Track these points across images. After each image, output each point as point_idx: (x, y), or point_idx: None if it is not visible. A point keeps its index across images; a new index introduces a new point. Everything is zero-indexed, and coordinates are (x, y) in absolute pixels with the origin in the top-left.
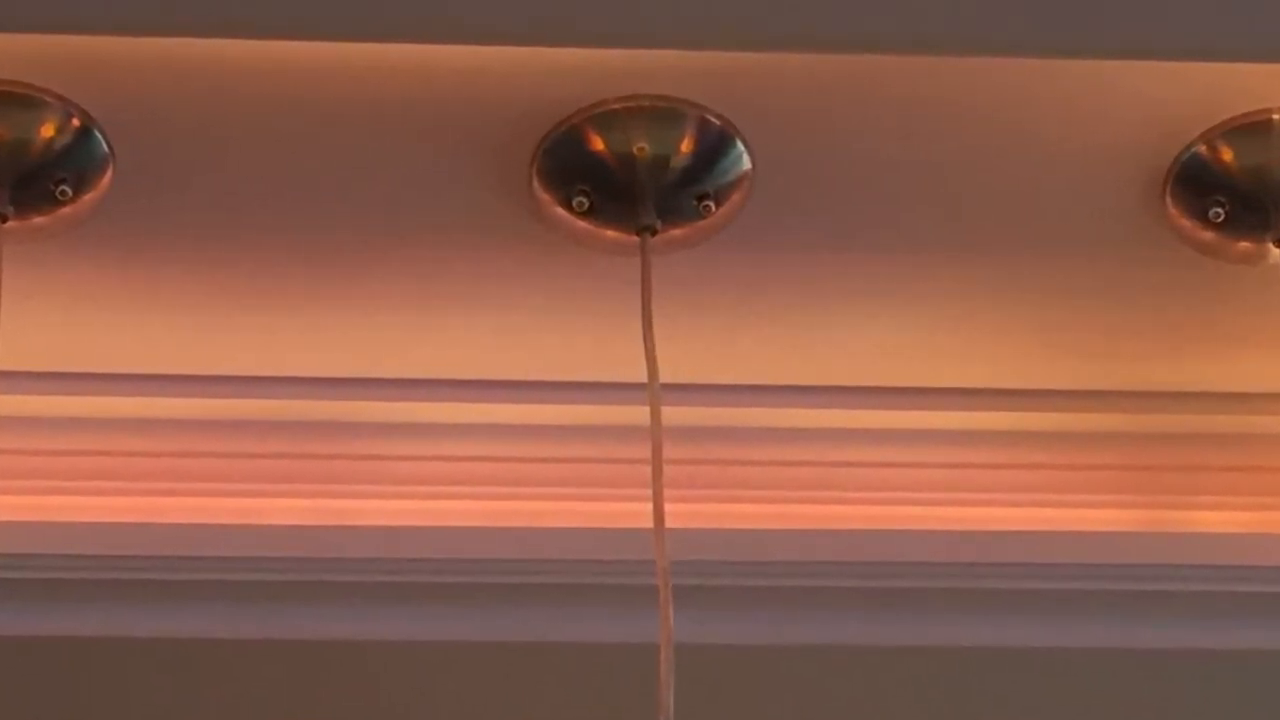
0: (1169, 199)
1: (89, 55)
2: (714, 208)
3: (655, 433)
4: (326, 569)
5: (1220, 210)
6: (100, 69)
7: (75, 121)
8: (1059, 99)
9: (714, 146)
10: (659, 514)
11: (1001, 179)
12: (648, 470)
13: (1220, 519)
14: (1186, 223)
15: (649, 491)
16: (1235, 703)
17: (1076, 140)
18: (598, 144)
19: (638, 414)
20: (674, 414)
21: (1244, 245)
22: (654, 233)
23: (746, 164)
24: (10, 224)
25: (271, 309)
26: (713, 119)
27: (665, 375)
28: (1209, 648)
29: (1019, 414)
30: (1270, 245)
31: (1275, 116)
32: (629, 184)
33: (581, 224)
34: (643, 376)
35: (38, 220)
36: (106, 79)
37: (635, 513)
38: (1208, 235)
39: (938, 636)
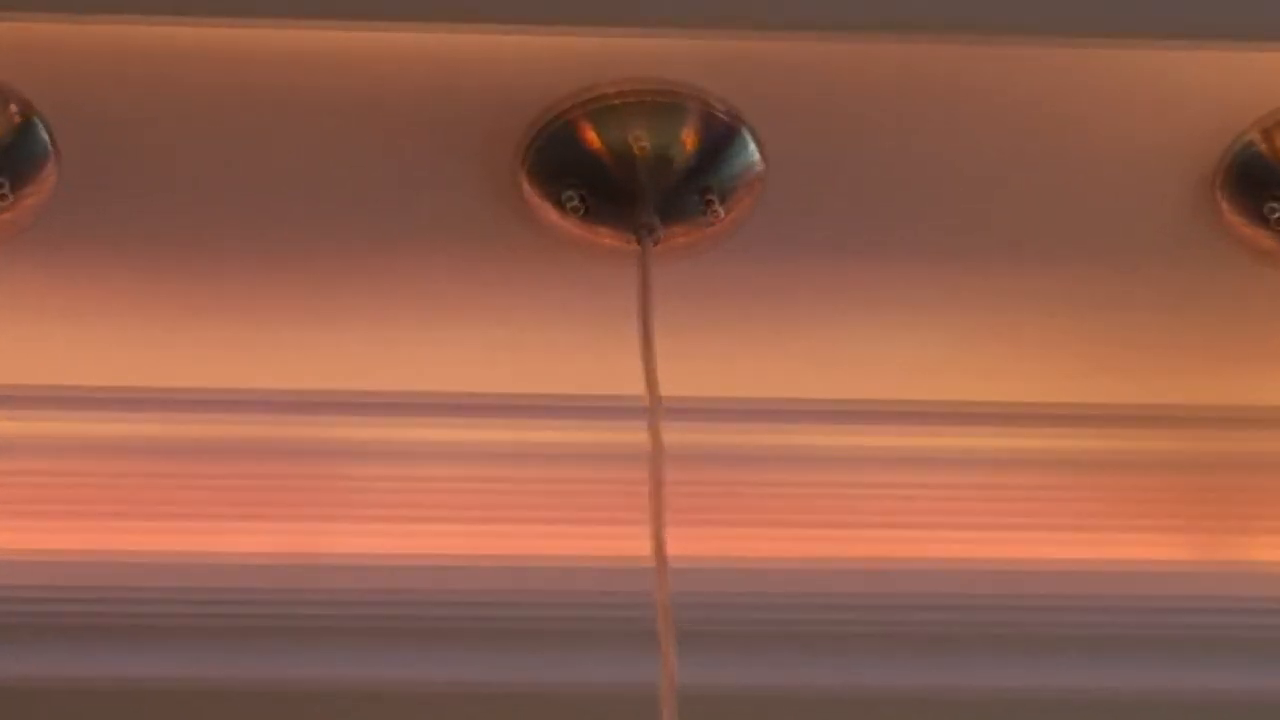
0: (1221, 198)
1: (30, 39)
2: (720, 209)
3: (655, 454)
4: (297, 606)
5: (1277, 207)
6: (42, 54)
7: (13, 111)
8: (1099, 90)
9: (721, 142)
10: (660, 544)
11: (1037, 179)
12: (647, 495)
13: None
14: (1241, 224)
15: (649, 519)
16: None
17: (1118, 135)
18: (592, 139)
19: (636, 434)
20: (676, 434)
21: None
22: (654, 236)
23: (757, 161)
24: None
25: (233, 321)
26: (720, 112)
27: (666, 391)
28: (1268, 689)
29: (1056, 434)
30: None
31: None
32: (627, 183)
33: (575, 227)
34: (641, 393)
35: None
36: (49, 65)
37: (634, 543)
38: (1264, 238)
39: (967, 680)
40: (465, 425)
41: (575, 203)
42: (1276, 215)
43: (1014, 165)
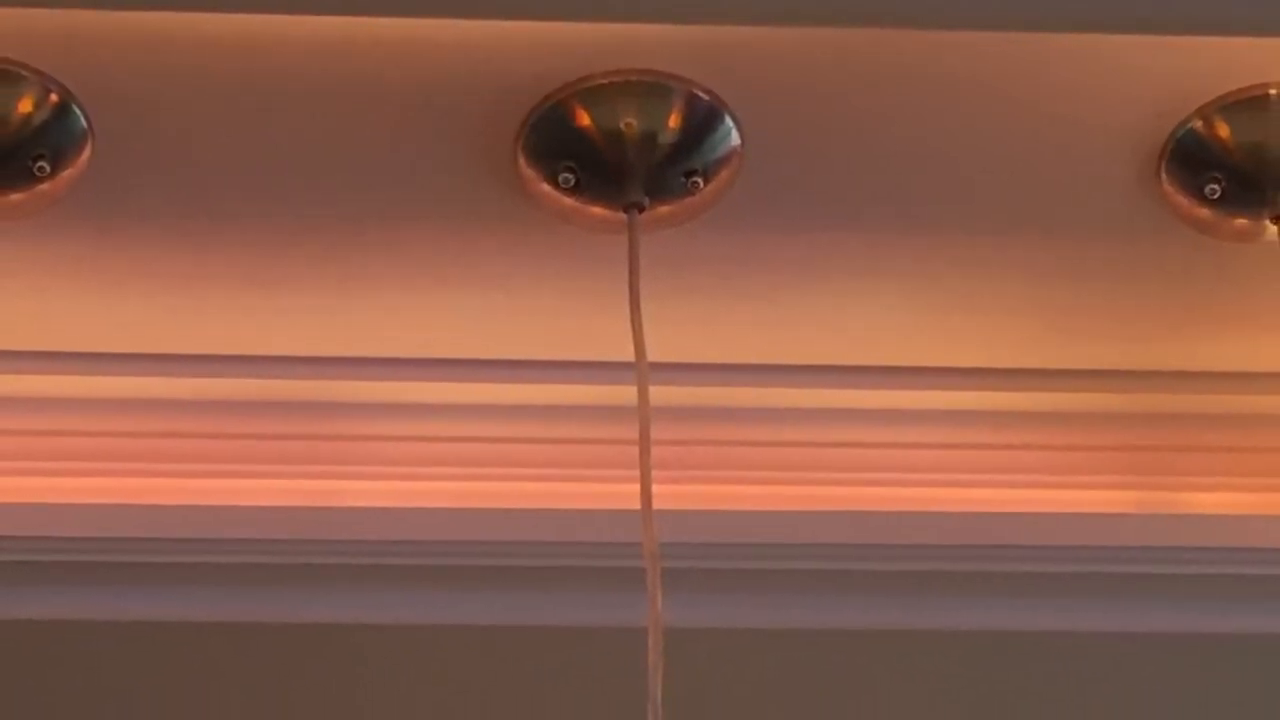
0: (1164, 176)
1: (68, 29)
2: (702, 185)
3: (643, 413)
4: (308, 551)
5: (1216, 187)
6: (79, 43)
7: (54, 97)
8: (1052, 75)
9: (703, 122)
10: (646, 495)
11: (994, 157)
12: (635, 450)
13: (1219, 500)
14: (1182, 200)
15: (636, 472)
16: (1234, 688)
17: (1070, 117)
18: (584, 120)
19: (625, 394)
20: (662, 394)
21: (1240, 222)
22: (641, 210)
23: (736, 140)
24: None
25: (253, 288)
26: (701, 94)
27: (653, 354)
28: (1208, 631)
29: (1012, 394)
30: (1267, 223)
31: (1273, 92)
32: (616, 160)
33: (568, 201)
34: (630, 355)
35: (15, 197)
36: (86, 54)
37: (623, 494)
38: (1204, 212)
39: (931, 620)
40: (465, 385)
41: (569, 179)
42: (1214, 192)
43: (975, 146)
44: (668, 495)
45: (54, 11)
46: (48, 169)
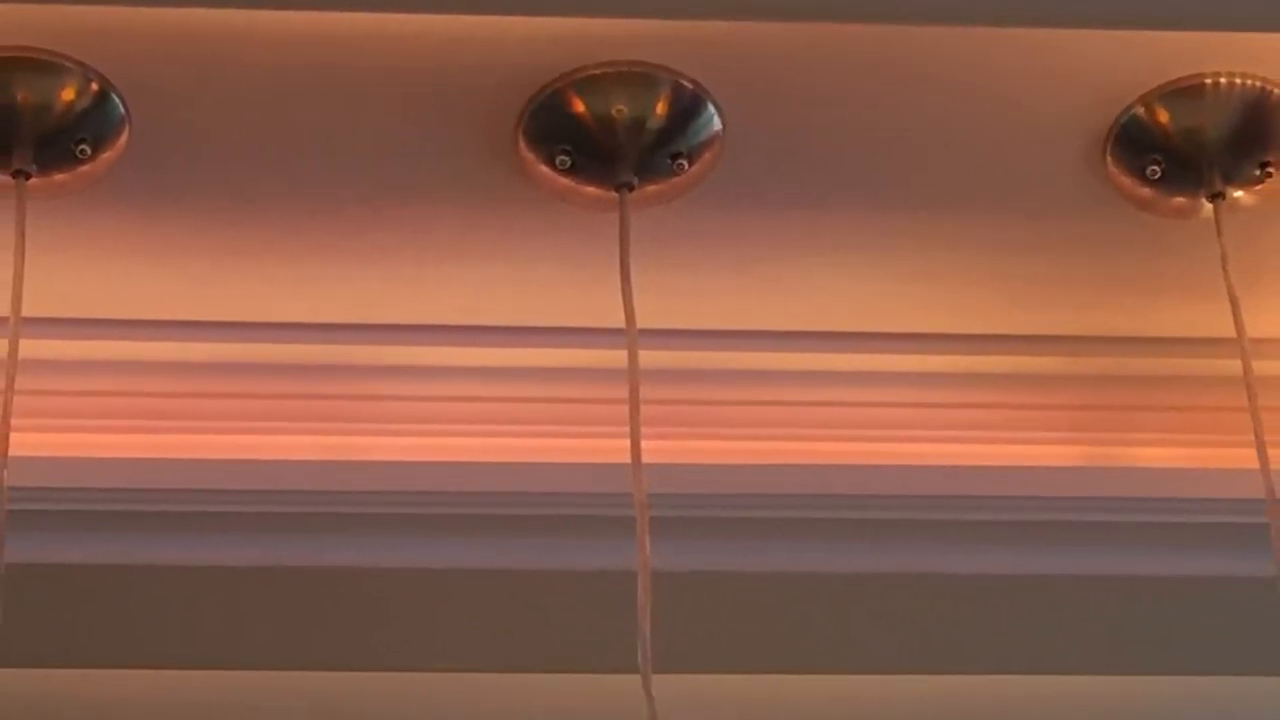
0: (1110, 158)
1: (107, 24)
2: (687, 166)
3: (633, 374)
4: (327, 501)
5: (1157, 168)
6: (118, 37)
7: (94, 86)
8: (1008, 66)
9: (687, 109)
10: (636, 450)
11: (954, 141)
12: (625, 409)
13: (1159, 454)
14: (1126, 180)
15: (627, 429)
16: (1173, 626)
17: (1025, 104)
18: (579, 107)
19: (617, 357)
20: (650, 357)
21: (1179, 201)
22: (631, 189)
23: (717, 125)
24: (34, 181)
25: (277, 260)
26: (685, 83)
27: (642, 321)
28: (1149, 575)
29: (970, 357)
30: (1203, 200)
31: (1207, 81)
32: (608, 144)
33: (564, 181)
34: (621, 322)
35: (60, 177)
36: (123, 46)
37: (615, 449)
38: (1145, 192)
39: (897, 564)
40: (471, 349)
41: (565, 161)
42: (1155, 173)
43: (936, 131)
44: (656, 450)
45: (95, 8)
46: (89, 152)
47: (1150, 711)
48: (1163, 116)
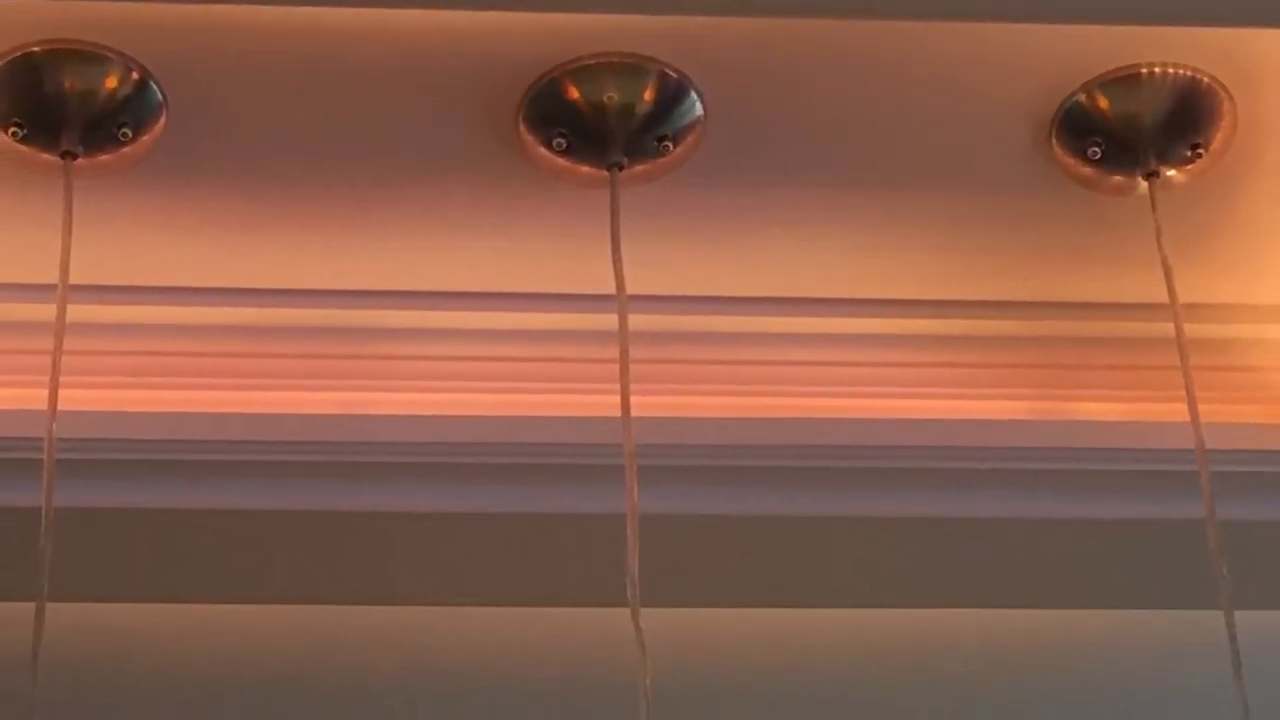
0: (1054, 141)
1: (147, 18)
2: (672, 148)
3: (622, 336)
4: (343, 451)
5: (1097, 150)
6: (157, 30)
7: (134, 75)
8: (963, 57)
9: (672, 96)
10: (626, 404)
11: (915, 125)
12: (616, 368)
13: (1099, 409)
14: (1069, 161)
15: (617, 385)
16: (1106, 564)
17: (978, 91)
18: (574, 94)
19: (608, 320)
20: (638, 321)
21: (1117, 179)
22: (621, 169)
23: (699, 111)
24: (80, 161)
25: (299, 232)
26: (670, 73)
27: (630, 288)
28: (1087, 517)
29: (929, 320)
30: (1139, 179)
31: (1143, 70)
32: (600, 128)
33: (560, 161)
34: (612, 289)
35: (103, 158)
36: (162, 39)
37: (606, 403)
38: (1087, 171)
39: (862, 508)
40: (475, 313)
41: (561, 143)
42: (1096, 154)
43: (898, 115)
44: (643, 404)
45: (136, 4)
46: (130, 135)
47: (1091, 642)
48: (1102, 103)
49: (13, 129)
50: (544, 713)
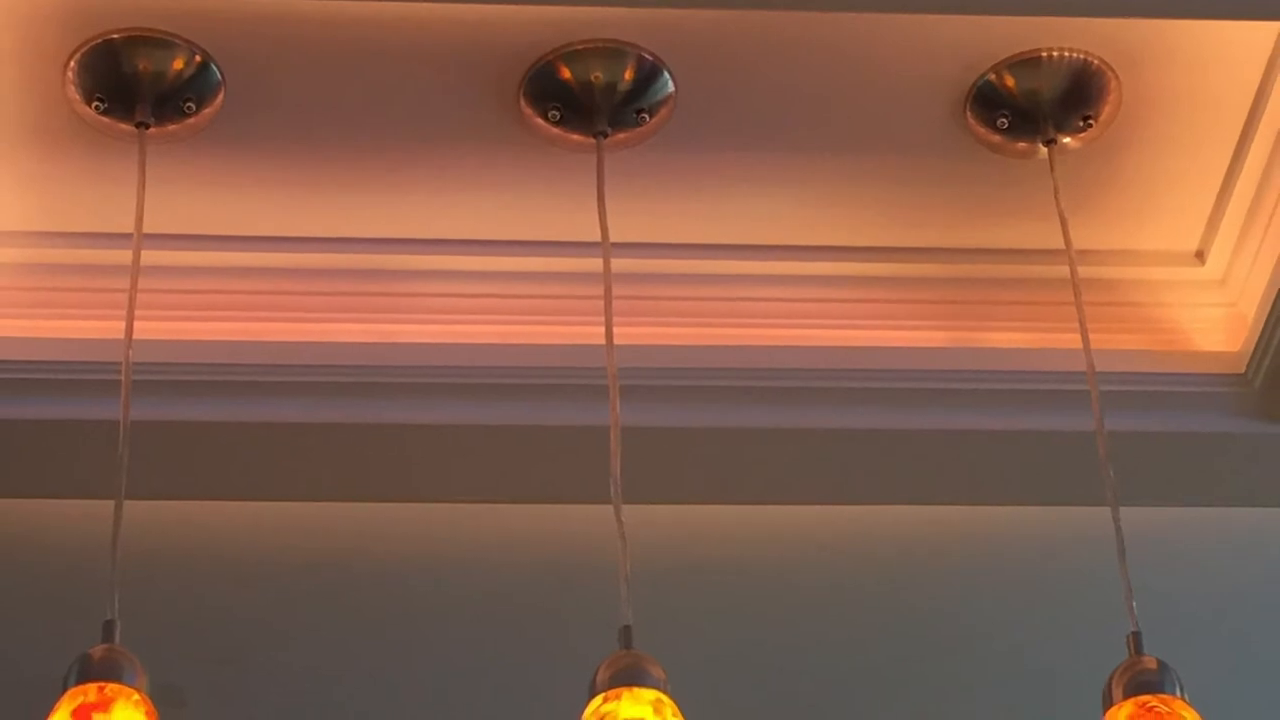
0: (969, 113)
1: (209, 9)
2: (648, 119)
3: (606, 276)
4: (373, 373)
5: (1005, 120)
6: (217, 20)
7: (197, 58)
8: (893, 42)
9: (648, 75)
10: (609, 334)
11: (853, 99)
12: (601, 303)
13: (1005, 338)
14: (981, 130)
15: (602, 318)
16: (1011, 466)
17: (905, 72)
18: (566, 74)
19: (594, 264)
20: (619, 264)
21: (1021, 145)
22: (606, 137)
23: (671, 88)
24: (152, 130)
25: (335, 189)
26: (647, 55)
27: (613, 237)
28: (996, 429)
29: (863, 264)
30: (1040, 145)
31: (1043, 54)
32: (588, 102)
33: (555, 130)
34: (598, 237)
35: (171, 128)
36: (221, 27)
37: (592, 333)
38: (996, 138)
39: (806, 421)
40: (484, 257)
41: (555, 114)
42: (1004, 124)
43: (838, 90)
44: (624, 334)
45: None
46: (194, 108)
47: (998, 532)
48: (1009, 81)
49: (95, 103)
50: (540, 590)
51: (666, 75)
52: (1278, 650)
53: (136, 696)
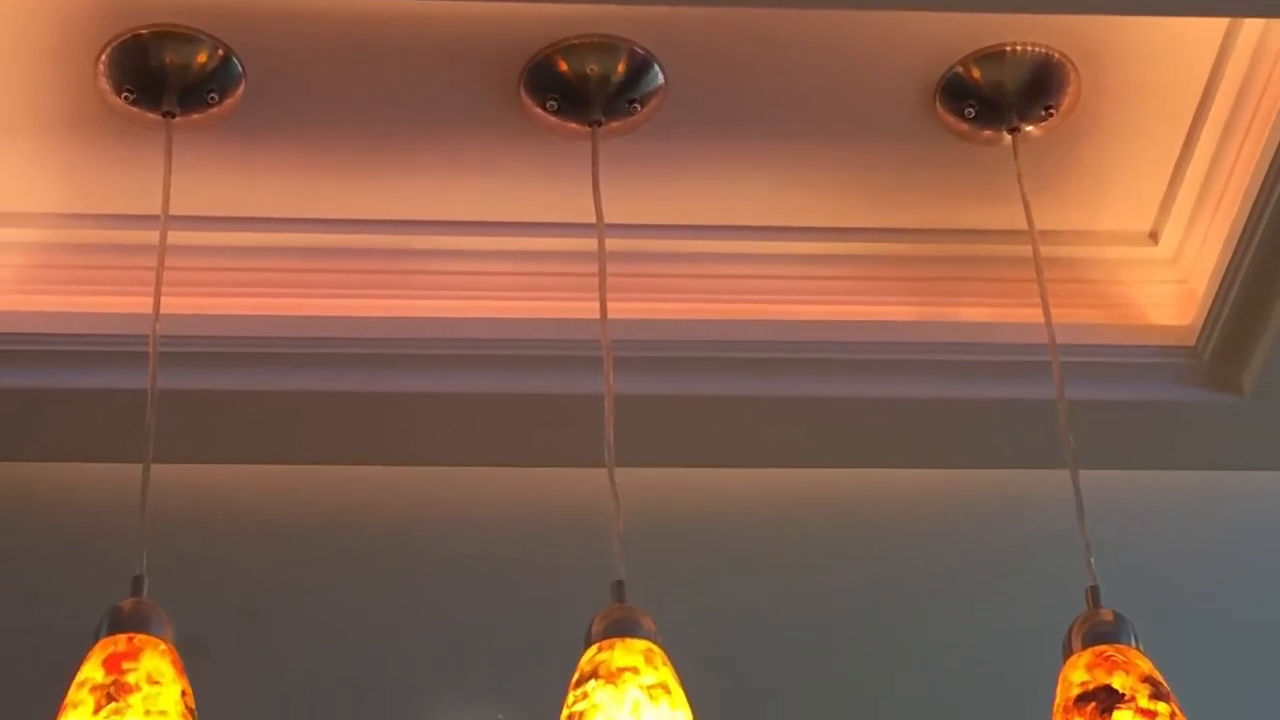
0: (938, 103)
1: (231, 6)
2: (640, 109)
3: (601, 255)
4: (386, 345)
5: (972, 110)
6: (238, 16)
7: (220, 51)
8: (868, 37)
9: (640, 68)
10: (603, 309)
11: (830, 90)
12: (595, 280)
13: (972, 313)
14: (950, 118)
15: (596, 294)
16: (979, 432)
17: (879, 64)
18: (563, 66)
19: (589, 244)
20: (613, 244)
21: (987, 134)
22: (600, 125)
23: (661, 80)
24: (178, 119)
25: (350, 174)
26: (639, 49)
27: (607, 219)
28: (964, 397)
29: (840, 243)
30: (1005, 134)
31: (1007, 48)
32: (584, 93)
33: (552, 119)
34: (593, 219)
35: (195, 117)
36: (242, 23)
37: (587, 308)
38: (964, 127)
39: (788, 390)
40: (488, 238)
41: (553, 105)
42: (971, 113)
43: (817, 82)
44: (617, 309)
45: None
46: (217, 99)
47: (965, 494)
48: (976, 73)
49: (124, 94)
50: (539, 547)
51: (657, 68)
52: (1225, 601)
53: (163, 646)
